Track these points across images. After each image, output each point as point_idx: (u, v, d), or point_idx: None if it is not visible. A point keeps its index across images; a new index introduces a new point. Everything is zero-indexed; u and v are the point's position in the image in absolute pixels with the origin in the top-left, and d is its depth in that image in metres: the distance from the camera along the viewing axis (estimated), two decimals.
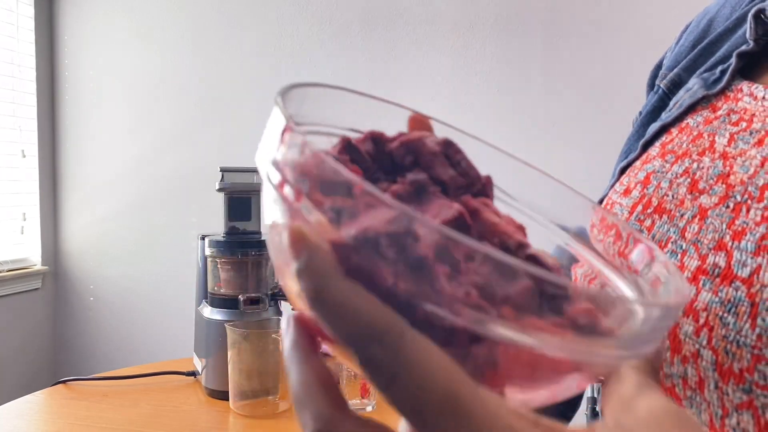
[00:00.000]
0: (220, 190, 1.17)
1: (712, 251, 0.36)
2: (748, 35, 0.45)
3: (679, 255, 0.38)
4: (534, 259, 0.23)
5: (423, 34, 2.36)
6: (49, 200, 2.72)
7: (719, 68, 0.46)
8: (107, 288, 2.71)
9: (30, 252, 2.66)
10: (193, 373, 1.21)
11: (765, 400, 0.31)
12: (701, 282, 0.36)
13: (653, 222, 0.42)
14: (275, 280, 1.20)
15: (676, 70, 0.51)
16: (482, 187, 0.29)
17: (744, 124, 0.42)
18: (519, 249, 0.23)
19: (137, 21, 2.64)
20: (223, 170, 1.18)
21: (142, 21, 2.63)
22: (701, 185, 0.40)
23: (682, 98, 0.48)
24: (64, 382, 1.20)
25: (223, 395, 1.09)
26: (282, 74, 2.50)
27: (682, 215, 0.40)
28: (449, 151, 0.28)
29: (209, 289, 1.18)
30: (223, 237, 1.17)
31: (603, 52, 2.13)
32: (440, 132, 0.32)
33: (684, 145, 0.44)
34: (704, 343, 0.33)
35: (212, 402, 1.11)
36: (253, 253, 1.14)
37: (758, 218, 0.35)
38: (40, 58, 2.66)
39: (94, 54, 2.69)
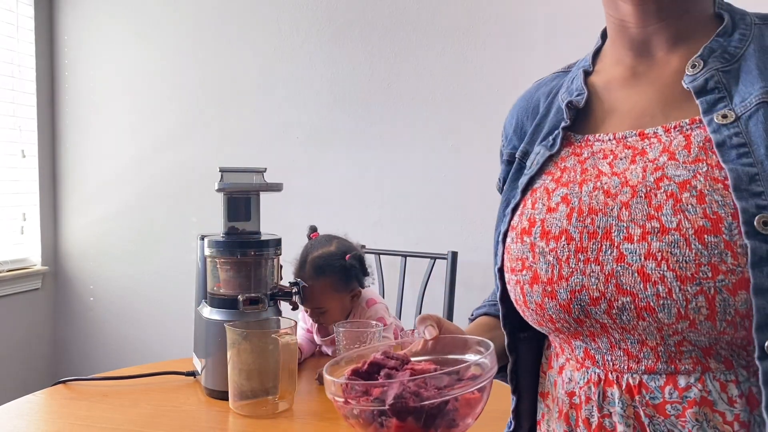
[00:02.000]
0: (219, 190, 1.17)
1: (647, 221, 0.56)
2: (565, 116, 0.69)
3: (624, 231, 0.57)
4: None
5: (423, 34, 2.36)
6: (49, 200, 2.72)
7: (551, 137, 0.70)
8: (107, 288, 2.72)
9: (30, 252, 2.66)
10: (193, 373, 1.21)
11: (709, 284, 0.52)
12: (649, 238, 0.55)
13: (593, 220, 0.60)
14: (274, 280, 1.20)
15: (522, 146, 0.76)
16: (405, 361, 0.62)
17: (611, 156, 0.63)
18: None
19: (137, 21, 2.64)
20: (223, 170, 1.18)
21: (142, 21, 2.63)
22: (613, 191, 0.60)
23: (536, 159, 0.71)
24: (64, 382, 1.20)
25: (222, 395, 1.10)
26: (282, 74, 2.50)
27: (611, 209, 0.59)
28: (394, 363, 0.61)
29: (209, 289, 1.18)
30: (223, 237, 1.17)
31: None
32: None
33: (578, 177, 0.64)
34: (665, 268, 0.54)
35: (212, 402, 1.11)
36: (252, 253, 1.14)
37: (666, 197, 0.56)
38: (40, 58, 2.66)
39: (94, 54, 2.69)
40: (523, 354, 0.72)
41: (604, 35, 0.76)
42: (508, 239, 0.70)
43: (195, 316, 1.22)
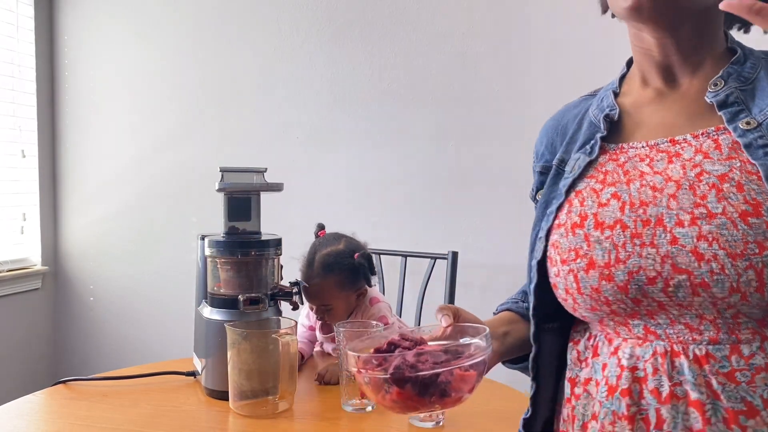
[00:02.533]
0: (220, 190, 1.17)
1: (694, 208, 0.63)
2: (602, 127, 0.78)
3: (675, 217, 0.64)
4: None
5: (423, 34, 2.36)
6: (49, 200, 2.72)
7: (588, 146, 0.78)
8: (107, 288, 2.72)
9: (30, 252, 2.66)
10: (193, 373, 1.21)
11: (757, 260, 0.59)
12: (699, 222, 0.62)
13: (644, 210, 0.67)
14: (274, 280, 1.20)
15: (558, 156, 0.84)
16: (419, 342, 0.71)
17: (647, 159, 0.72)
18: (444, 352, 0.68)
19: (137, 21, 2.64)
20: (223, 170, 1.18)
21: (142, 21, 2.63)
22: (659, 186, 0.68)
23: (576, 165, 0.78)
24: (64, 382, 1.20)
25: (222, 395, 1.09)
26: (282, 74, 2.50)
27: (660, 201, 0.66)
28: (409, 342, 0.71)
29: (209, 289, 1.18)
30: (223, 237, 1.17)
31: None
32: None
33: (622, 177, 0.72)
34: (716, 247, 0.60)
35: (212, 402, 1.11)
36: (253, 253, 1.14)
37: (708, 187, 0.64)
38: (40, 58, 2.66)
39: (94, 54, 2.69)
40: (546, 344, 0.77)
41: (629, 63, 0.86)
42: (555, 235, 0.75)
43: (195, 316, 1.22)
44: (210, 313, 1.16)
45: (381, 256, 2.03)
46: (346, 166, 2.45)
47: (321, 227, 1.44)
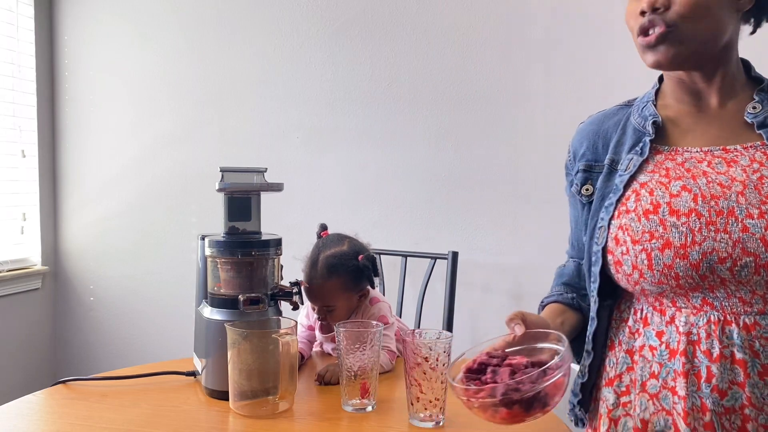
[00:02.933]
0: (220, 190, 1.17)
1: (761, 204, 0.78)
2: (650, 131, 0.91)
3: (745, 211, 0.79)
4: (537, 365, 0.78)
5: (423, 34, 2.36)
6: (49, 200, 2.72)
7: (638, 147, 0.91)
8: (107, 288, 2.72)
9: (30, 252, 2.66)
10: (193, 373, 1.21)
11: None
12: (766, 216, 0.77)
13: (716, 202, 0.80)
14: (274, 280, 1.20)
15: (609, 156, 0.95)
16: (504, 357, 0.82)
17: (706, 162, 0.86)
18: (528, 366, 0.79)
19: (137, 21, 2.64)
20: (223, 170, 1.18)
21: (141, 21, 2.63)
22: (726, 184, 0.81)
23: (630, 164, 0.90)
24: (64, 382, 1.20)
25: (223, 395, 1.09)
26: (282, 74, 2.50)
27: (729, 196, 0.80)
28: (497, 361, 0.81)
29: (209, 289, 1.18)
30: (223, 237, 1.17)
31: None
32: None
33: (685, 174, 0.85)
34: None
35: (212, 402, 1.11)
36: (253, 253, 1.14)
37: (767, 186, 0.79)
38: (40, 58, 2.66)
39: (94, 54, 2.69)
40: (602, 319, 0.91)
41: (660, 79, 0.98)
42: (624, 219, 0.87)
43: (195, 316, 1.22)
44: (210, 313, 1.16)
45: (381, 256, 2.03)
46: (346, 165, 2.45)
47: (324, 227, 1.43)
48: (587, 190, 0.97)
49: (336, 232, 1.42)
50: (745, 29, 0.92)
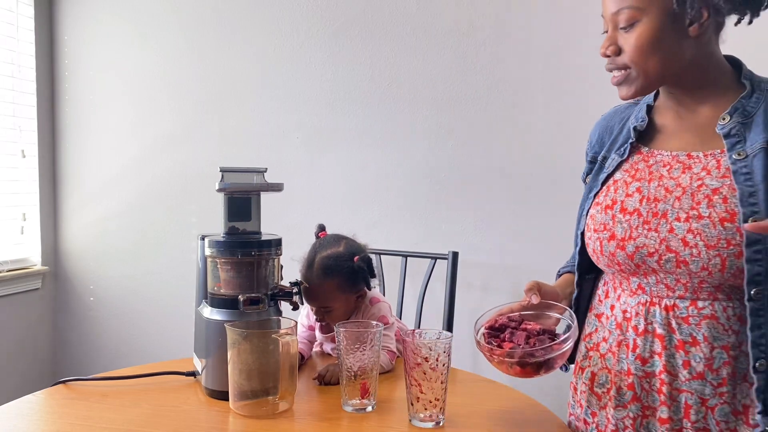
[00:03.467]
0: (220, 190, 1.17)
1: (690, 210, 0.92)
2: (632, 136, 1.05)
3: (676, 214, 0.93)
4: (546, 332, 0.98)
5: (423, 34, 2.36)
6: (49, 200, 2.72)
7: (622, 149, 1.06)
8: (107, 288, 2.72)
9: (30, 252, 2.66)
10: (193, 373, 1.21)
11: (724, 252, 0.88)
12: (691, 221, 0.91)
13: (656, 205, 0.95)
14: (274, 280, 1.20)
15: (603, 153, 1.10)
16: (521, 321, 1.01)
17: (668, 166, 0.99)
18: (540, 332, 0.98)
19: (137, 21, 2.64)
20: (223, 170, 1.18)
21: (141, 21, 2.63)
22: (671, 189, 0.96)
23: (612, 163, 1.06)
24: (64, 382, 1.20)
25: (223, 395, 1.09)
26: (282, 74, 2.50)
27: (668, 200, 0.95)
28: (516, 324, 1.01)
29: (209, 289, 1.18)
30: (223, 237, 1.17)
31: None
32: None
33: (647, 176, 1.00)
34: (698, 239, 0.90)
35: (212, 402, 1.11)
36: (253, 253, 1.14)
37: (703, 197, 0.91)
38: (40, 58, 2.66)
39: (94, 54, 2.69)
40: (584, 289, 1.10)
41: None
42: (593, 211, 1.04)
43: (195, 316, 1.22)
44: (210, 313, 1.16)
45: (381, 256, 2.03)
46: (346, 165, 2.45)
47: (321, 228, 1.43)
48: (588, 180, 1.13)
49: (334, 232, 1.42)
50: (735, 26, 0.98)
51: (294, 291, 1.22)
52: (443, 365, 0.98)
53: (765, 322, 0.88)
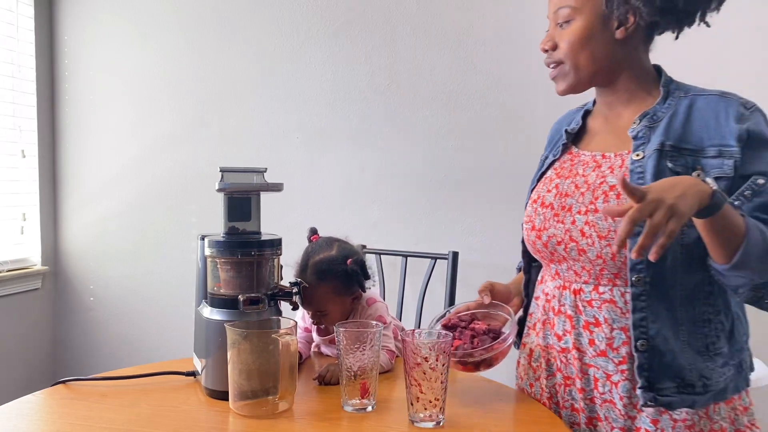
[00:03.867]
0: (220, 190, 1.17)
1: (590, 204, 1.02)
2: (564, 138, 1.17)
3: (578, 207, 1.03)
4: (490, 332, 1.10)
5: (423, 34, 2.36)
6: (49, 200, 2.72)
7: (557, 148, 1.18)
8: (107, 288, 2.72)
9: (30, 252, 2.66)
10: (193, 373, 1.21)
11: (613, 242, 0.97)
12: (589, 214, 1.01)
13: (565, 199, 1.07)
14: (274, 280, 1.20)
15: (547, 153, 1.22)
16: (470, 322, 1.13)
17: (585, 165, 1.09)
18: (485, 332, 1.09)
19: (137, 21, 2.64)
20: (223, 170, 1.18)
21: (141, 21, 2.63)
22: (579, 185, 1.06)
23: (547, 162, 1.18)
24: (64, 382, 1.20)
25: (222, 395, 1.09)
26: (282, 74, 2.50)
27: (575, 195, 1.06)
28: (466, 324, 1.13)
29: (209, 289, 1.18)
30: (223, 237, 1.17)
31: None
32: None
33: (566, 173, 1.11)
34: (593, 230, 1.01)
35: (212, 402, 1.11)
36: (253, 253, 1.14)
37: (601, 192, 1.02)
38: (40, 58, 2.66)
39: (94, 54, 2.69)
40: (532, 276, 1.22)
41: None
42: (528, 204, 1.16)
43: (195, 316, 1.22)
44: (210, 313, 1.16)
45: (381, 256, 2.03)
46: (346, 165, 2.45)
47: (314, 232, 1.42)
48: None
49: (327, 235, 1.42)
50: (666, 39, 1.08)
51: (294, 291, 1.22)
52: (443, 365, 0.98)
53: (645, 306, 0.97)
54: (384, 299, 2.19)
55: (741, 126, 0.97)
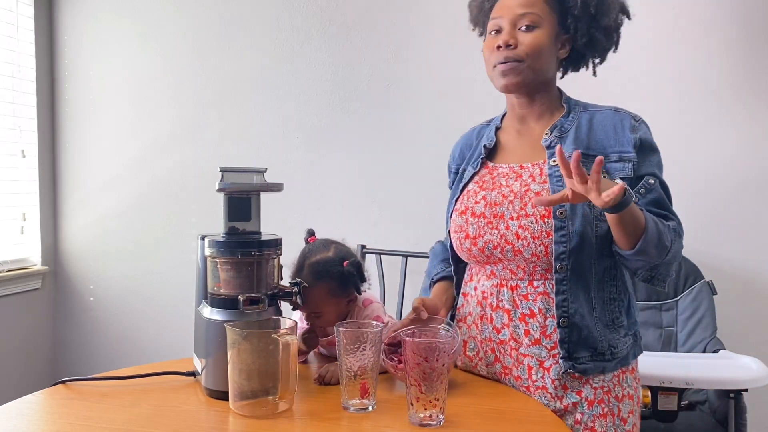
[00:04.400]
0: (220, 190, 1.17)
1: (519, 210, 1.17)
2: (483, 153, 1.30)
3: (509, 214, 1.17)
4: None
5: (423, 34, 2.36)
6: (49, 200, 2.72)
7: (475, 162, 1.30)
8: (107, 288, 2.72)
9: (30, 252, 2.66)
10: (193, 373, 1.21)
11: (545, 241, 1.14)
12: (521, 219, 1.16)
13: (496, 208, 1.20)
14: (274, 280, 1.20)
15: (463, 165, 1.34)
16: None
17: (505, 176, 1.23)
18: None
19: (137, 21, 2.64)
20: (223, 170, 1.17)
21: (142, 21, 2.63)
22: (506, 194, 1.20)
23: (467, 174, 1.30)
24: (64, 382, 1.20)
25: (222, 395, 1.09)
26: (282, 74, 2.50)
27: (504, 204, 1.19)
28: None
29: (209, 289, 1.18)
30: (223, 237, 1.17)
31: None
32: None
33: (490, 185, 1.24)
34: (527, 233, 1.16)
35: (212, 402, 1.11)
36: (253, 253, 1.14)
37: (528, 199, 1.16)
38: (40, 58, 2.66)
39: (94, 54, 2.69)
40: (459, 274, 1.34)
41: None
42: (454, 215, 1.28)
43: (195, 316, 1.22)
44: (210, 313, 1.16)
45: (381, 256, 2.03)
46: (346, 166, 2.45)
47: (311, 233, 1.42)
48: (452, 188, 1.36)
49: (324, 237, 1.42)
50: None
51: (294, 291, 1.22)
52: (443, 365, 0.98)
53: (567, 290, 1.14)
54: (384, 299, 2.19)
55: (635, 135, 1.17)
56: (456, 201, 1.29)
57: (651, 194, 1.16)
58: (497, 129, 1.32)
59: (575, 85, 1.38)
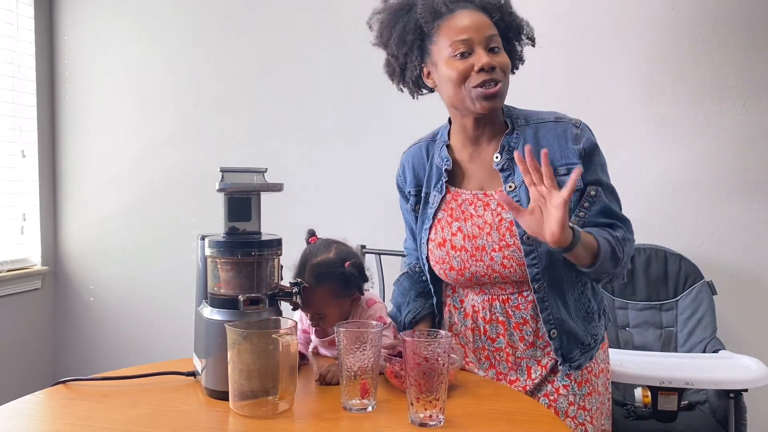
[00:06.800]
0: (220, 190, 1.17)
1: (500, 241, 1.21)
2: (444, 176, 1.28)
3: (491, 246, 1.21)
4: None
5: None
6: (49, 200, 2.72)
7: (439, 186, 1.29)
8: (107, 288, 2.72)
9: (30, 252, 2.66)
10: (193, 373, 1.21)
11: (526, 266, 1.20)
12: (503, 250, 1.20)
13: (475, 241, 1.23)
14: (275, 280, 1.20)
15: (425, 188, 1.33)
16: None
17: (473, 205, 1.25)
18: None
19: (137, 21, 2.64)
20: (223, 170, 1.17)
21: (142, 21, 2.63)
22: (481, 226, 1.23)
23: (435, 200, 1.29)
24: (64, 382, 1.20)
25: (222, 395, 1.09)
26: (282, 74, 2.50)
27: (482, 236, 1.23)
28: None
29: (209, 290, 1.18)
30: (223, 237, 1.17)
31: None
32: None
33: (462, 215, 1.25)
34: (512, 261, 1.20)
35: (212, 402, 1.11)
36: (253, 253, 1.14)
37: (505, 228, 1.21)
38: (40, 58, 2.66)
39: (94, 54, 2.69)
40: (438, 294, 1.35)
41: (450, 120, 1.32)
42: (431, 245, 1.29)
43: (195, 316, 1.22)
44: (210, 313, 1.16)
45: (381, 256, 2.03)
46: (346, 166, 2.45)
47: (312, 234, 1.42)
48: (417, 210, 1.34)
49: (325, 237, 1.41)
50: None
51: (294, 291, 1.22)
52: (443, 365, 0.98)
53: (548, 306, 1.20)
54: (384, 299, 2.19)
55: (578, 146, 1.19)
56: (430, 229, 1.29)
57: (595, 206, 1.20)
58: (448, 147, 1.31)
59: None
